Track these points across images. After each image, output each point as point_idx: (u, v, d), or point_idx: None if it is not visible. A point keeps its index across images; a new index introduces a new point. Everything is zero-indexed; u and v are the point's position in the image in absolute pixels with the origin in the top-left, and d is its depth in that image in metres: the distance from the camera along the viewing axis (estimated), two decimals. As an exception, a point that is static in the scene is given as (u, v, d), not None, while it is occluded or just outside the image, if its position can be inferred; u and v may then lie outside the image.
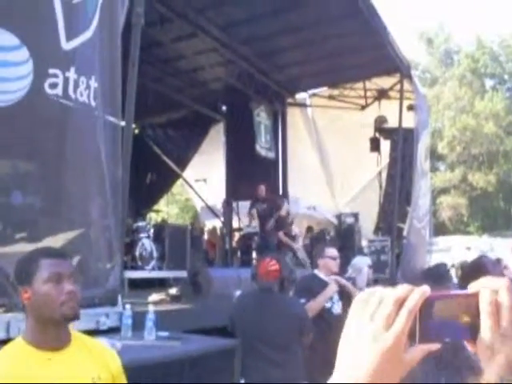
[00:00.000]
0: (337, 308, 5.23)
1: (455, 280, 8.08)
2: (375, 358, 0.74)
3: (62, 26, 4.39)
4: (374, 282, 9.27)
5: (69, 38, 4.44)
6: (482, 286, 0.78)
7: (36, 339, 2.03)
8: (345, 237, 13.48)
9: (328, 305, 5.13)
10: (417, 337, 0.76)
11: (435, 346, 0.77)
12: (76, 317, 2.08)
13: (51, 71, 4.37)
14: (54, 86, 4.37)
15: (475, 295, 0.77)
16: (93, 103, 4.73)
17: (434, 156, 31.38)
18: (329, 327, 4.84)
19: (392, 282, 11.61)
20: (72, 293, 2.05)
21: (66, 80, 4.43)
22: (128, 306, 4.79)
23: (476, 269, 3.99)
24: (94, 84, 4.69)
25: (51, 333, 2.05)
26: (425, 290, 0.77)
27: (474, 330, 0.76)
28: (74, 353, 2.10)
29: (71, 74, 4.47)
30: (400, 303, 0.76)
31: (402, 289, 0.77)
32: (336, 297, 5.26)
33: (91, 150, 4.81)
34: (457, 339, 0.79)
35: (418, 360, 0.77)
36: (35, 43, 4.28)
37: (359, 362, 0.75)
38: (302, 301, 4.97)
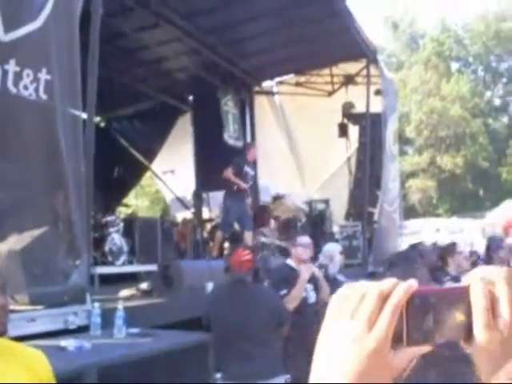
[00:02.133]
0: (311, 297, 5.19)
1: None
2: (358, 360, 0.65)
3: (1, 18, 4.22)
4: (346, 267, 9.27)
5: (7, 29, 4.27)
6: (475, 278, 0.70)
7: None
8: (316, 223, 13.48)
9: (303, 294, 5.08)
10: (404, 338, 0.67)
11: (426, 349, 0.68)
12: (4, 332, 1.94)
13: None
14: None
15: (467, 289, 0.69)
16: (43, 96, 4.57)
17: (402, 140, 31.57)
18: (304, 317, 4.79)
19: (364, 266, 11.67)
20: (2, 307, 1.91)
21: (5, 73, 4.28)
22: (97, 304, 4.69)
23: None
24: (45, 76, 4.53)
25: None
26: (411, 283, 0.68)
27: (469, 329, 0.67)
28: None
29: (11, 67, 4.31)
30: (384, 299, 0.66)
31: (386, 283, 0.68)
32: (309, 286, 5.21)
33: (48, 143, 4.67)
34: (450, 340, 0.70)
35: (406, 364, 0.68)
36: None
37: (339, 365, 0.65)
38: (284, 292, 4.91)
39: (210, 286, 6.72)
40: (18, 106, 4.45)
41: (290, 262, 5.37)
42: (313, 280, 5.27)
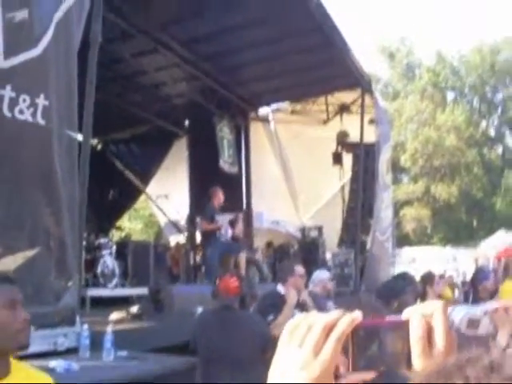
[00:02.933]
0: None
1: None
2: None
3: (1, 44, 4.34)
4: (338, 294, 9.30)
5: (7, 56, 4.39)
6: (413, 311, 0.78)
7: None
8: (309, 250, 13.54)
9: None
10: (350, 365, 0.75)
11: (370, 375, 0.75)
12: (28, 346, 2.00)
13: None
14: None
15: (407, 322, 0.77)
16: (41, 121, 4.66)
17: (397, 168, 31.81)
18: None
19: (356, 294, 11.68)
20: (27, 320, 1.97)
21: (1, 98, 4.38)
22: (86, 326, 4.72)
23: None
24: (42, 102, 4.63)
25: None
26: (355, 316, 0.76)
27: (408, 357, 0.75)
28: (14, 379, 1.99)
29: (6, 92, 4.41)
30: (329, 330, 0.74)
31: (332, 314, 0.76)
32: (297, 312, 5.24)
33: (43, 166, 4.75)
34: (393, 367, 0.77)
35: None
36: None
37: None
38: (271, 317, 4.94)
39: (199, 311, 6.76)
40: (13, 129, 4.54)
41: (280, 288, 5.40)
42: (300, 306, 5.30)
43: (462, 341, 1.72)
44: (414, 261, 24.87)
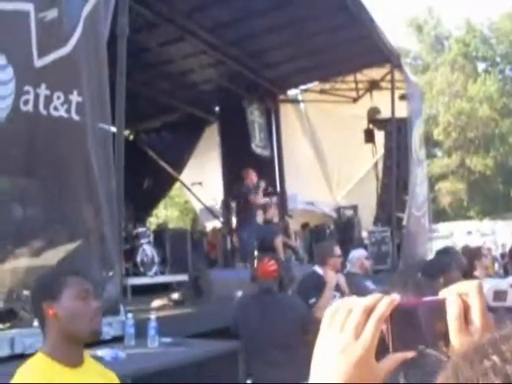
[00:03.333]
0: None
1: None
2: (346, 368, 0.75)
3: (35, 44, 4.42)
4: (375, 272, 9.30)
5: (40, 55, 4.47)
6: (450, 291, 0.81)
7: (59, 355, 2.06)
8: (345, 230, 13.53)
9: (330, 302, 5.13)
10: (390, 345, 0.78)
11: (409, 354, 0.78)
12: (101, 333, 2.22)
13: (25, 88, 4.41)
14: (26, 102, 4.41)
15: (444, 301, 0.79)
16: (75, 117, 4.74)
17: (430, 142, 31.40)
18: None
19: (394, 272, 11.65)
20: (99, 308, 2.14)
21: (37, 96, 4.46)
22: (130, 315, 4.81)
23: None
24: (76, 98, 4.71)
25: (75, 349, 2.10)
26: (393, 298, 0.79)
27: (446, 335, 0.78)
28: (89, 370, 2.15)
29: (42, 91, 4.49)
30: (369, 312, 0.77)
31: (371, 298, 0.78)
32: (338, 294, 5.26)
33: (80, 160, 4.83)
34: (431, 346, 0.80)
35: (391, 369, 0.79)
36: (16, 62, 4.31)
37: (331, 373, 0.75)
38: (313, 300, 4.98)
39: (238, 295, 6.84)
40: (49, 126, 4.62)
41: (318, 269, 5.42)
42: (338, 287, 5.33)
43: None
44: (452, 235, 24.67)
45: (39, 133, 4.57)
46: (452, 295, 0.79)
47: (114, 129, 5.61)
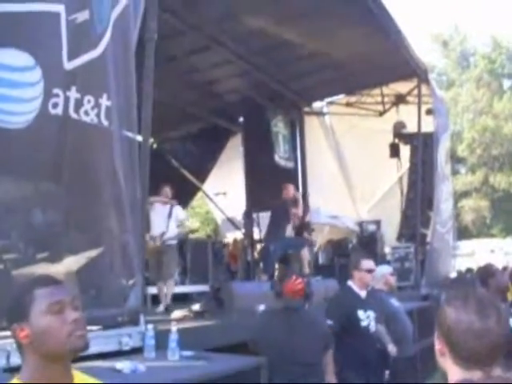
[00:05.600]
0: (373, 326, 5.09)
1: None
2: None
3: (65, 46, 4.35)
4: (398, 289, 9.12)
5: (70, 57, 4.39)
6: None
7: (41, 381, 1.76)
8: (367, 244, 13.37)
9: (365, 323, 5.00)
10: None
11: None
12: (86, 347, 1.82)
13: (54, 91, 4.33)
14: (55, 105, 4.33)
15: None
16: (104, 122, 4.66)
17: (454, 159, 31.12)
18: (363, 344, 4.73)
19: (417, 288, 11.47)
20: (77, 320, 1.79)
21: (67, 99, 4.39)
22: (150, 326, 4.70)
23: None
24: (105, 102, 4.64)
25: (57, 371, 1.79)
26: None
27: None
28: None
29: (72, 94, 4.42)
30: None
31: None
32: (372, 314, 5.11)
33: (106, 166, 4.75)
34: None
35: None
36: (45, 64, 4.25)
37: None
38: (329, 322, 4.85)
39: (260, 309, 6.71)
40: (79, 130, 4.55)
41: (351, 284, 5.27)
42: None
43: None
44: (474, 253, 24.38)
45: (68, 137, 4.50)
46: None
47: (139, 138, 5.52)
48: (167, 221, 8.38)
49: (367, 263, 5.26)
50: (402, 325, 6.12)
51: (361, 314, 4.97)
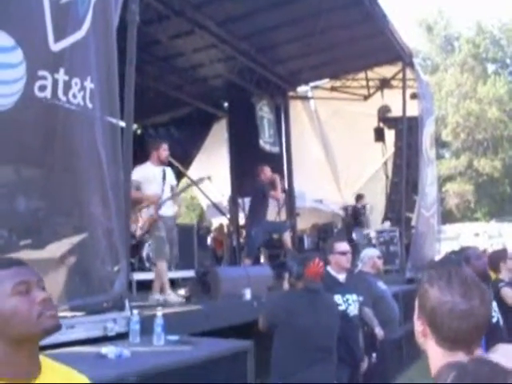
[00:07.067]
0: (353, 309, 5.09)
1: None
2: None
3: (50, 27, 4.27)
4: (384, 272, 9.16)
5: (57, 39, 4.32)
6: None
7: (5, 371, 1.63)
8: (353, 216, 13.48)
9: (342, 307, 4.99)
10: None
11: None
12: (59, 327, 1.71)
13: (40, 73, 4.25)
14: (42, 88, 4.26)
15: None
16: (89, 105, 4.61)
17: (439, 143, 31.25)
18: (343, 329, 4.73)
19: (402, 272, 11.52)
20: (46, 300, 1.69)
21: (55, 82, 4.32)
22: (135, 311, 4.69)
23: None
24: (89, 85, 4.58)
25: (25, 358, 1.67)
26: None
27: None
28: (50, 379, 1.72)
29: (60, 76, 4.35)
30: None
31: None
32: (352, 297, 5.11)
33: (90, 152, 4.70)
34: None
35: None
36: (27, 44, 4.16)
37: None
38: None
39: (247, 294, 6.71)
40: (66, 113, 4.49)
41: (329, 269, 5.25)
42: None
43: None
44: (459, 237, 24.53)
45: (57, 121, 4.43)
46: None
47: (122, 123, 5.45)
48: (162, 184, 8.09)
49: (340, 245, 5.26)
50: (389, 307, 6.16)
51: (337, 298, 4.95)
